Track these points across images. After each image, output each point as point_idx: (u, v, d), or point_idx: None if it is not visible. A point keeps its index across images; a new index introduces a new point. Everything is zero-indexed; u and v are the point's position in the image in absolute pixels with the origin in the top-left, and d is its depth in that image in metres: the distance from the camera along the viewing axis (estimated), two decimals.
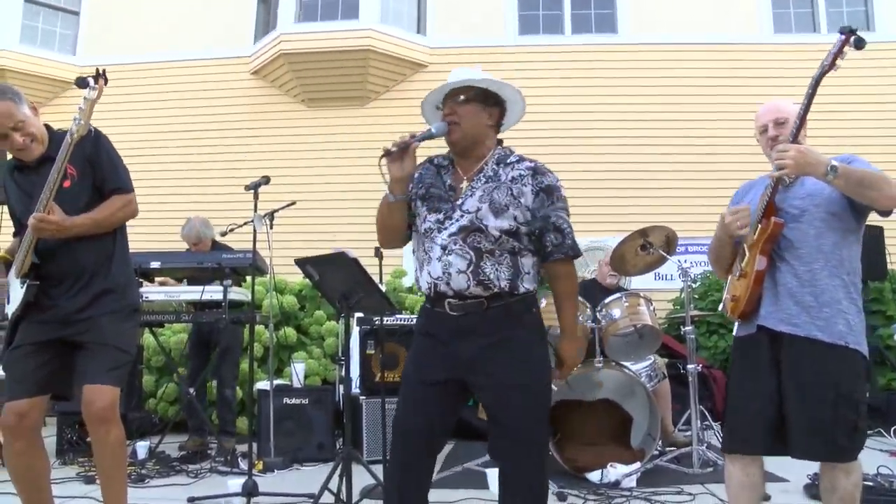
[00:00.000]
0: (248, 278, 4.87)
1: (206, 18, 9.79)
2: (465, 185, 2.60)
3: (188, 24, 9.80)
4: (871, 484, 3.91)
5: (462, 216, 2.55)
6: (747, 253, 2.79)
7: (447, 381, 2.56)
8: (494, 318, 2.52)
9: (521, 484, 2.50)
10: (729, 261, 2.93)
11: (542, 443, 2.63)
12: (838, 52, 2.64)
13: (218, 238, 5.92)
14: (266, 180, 4.42)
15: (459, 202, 2.58)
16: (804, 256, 2.69)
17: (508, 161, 2.65)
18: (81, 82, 2.74)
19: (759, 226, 2.72)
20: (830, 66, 2.65)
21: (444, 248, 2.53)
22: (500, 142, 2.73)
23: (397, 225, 2.69)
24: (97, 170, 3.01)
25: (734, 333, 2.92)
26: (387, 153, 2.55)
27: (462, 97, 2.61)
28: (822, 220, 2.70)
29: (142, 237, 3.25)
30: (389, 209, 2.64)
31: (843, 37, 2.62)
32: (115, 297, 3.03)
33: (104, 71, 2.77)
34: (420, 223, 2.64)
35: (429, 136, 2.55)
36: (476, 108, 2.62)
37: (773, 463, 4.07)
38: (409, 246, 2.80)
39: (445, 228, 2.56)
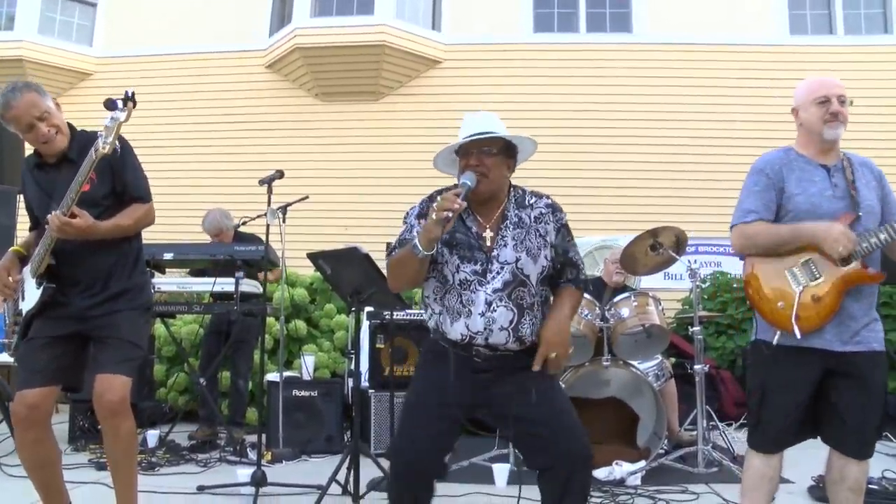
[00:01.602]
0: (265, 273, 4.89)
1: (222, 11, 9.84)
2: (489, 233, 2.60)
3: (204, 17, 9.85)
4: (875, 487, 3.92)
5: (502, 268, 2.58)
6: (821, 275, 2.77)
7: (460, 406, 2.62)
8: (515, 363, 2.61)
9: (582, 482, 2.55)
10: (778, 254, 2.86)
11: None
12: None
13: (241, 228, 5.98)
14: (280, 174, 4.45)
15: (495, 253, 2.60)
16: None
17: (527, 203, 2.71)
18: (111, 104, 2.76)
19: (865, 269, 2.75)
20: None
21: (489, 304, 2.56)
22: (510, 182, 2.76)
23: (420, 276, 2.66)
24: (118, 176, 3.05)
25: (769, 338, 2.85)
26: (445, 219, 2.41)
27: (492, 149, 2.61)
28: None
29: (154, 230, 3.29)
30: (416, 263, 2.55)
31: None
32: (131, 295, 3.09)
33: (133, 93, 2.79)
34: (450, 272, 2.62)
35: (467, 190, 2.51)
36: (500, 161, 2.64)
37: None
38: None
39: (488, 282, 2.58)
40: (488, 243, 2.60)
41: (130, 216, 3.05)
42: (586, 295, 4.76)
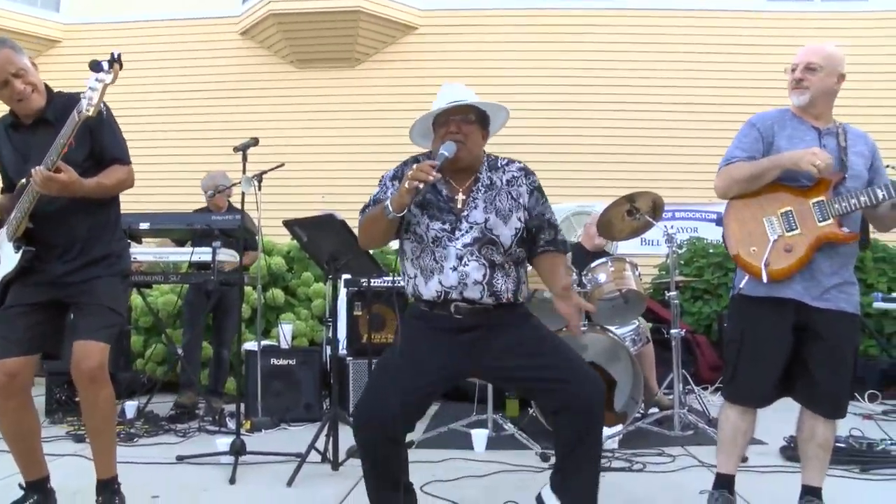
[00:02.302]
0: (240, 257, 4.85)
1: None
2: (460, 196, 2.61)
3: None
4: (842, 445, 4.01)
5: (471, 228, 2.62)
6: (798, 228, 2.84)
7: (446, 368, 2.64)
8: (496, 319, 2.64)
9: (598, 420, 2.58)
10: (758, 188, 2.91)
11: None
12: None
13: (232, 201, 5.96)
14: (255, 142, 4.40)
15: (465, 214, 2.64)
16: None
17: (498, 166, 2.76)
18: (96, 66, 2.70)
19: (840, 229, 2.81)
20: None
21: (460, 258, 2.60)
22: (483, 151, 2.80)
23: (388, 235, 2.71)
24: (97, 138, 3.01)
25: (747, 291, 2.91)
26: (415, 189, 2.44)
27: (469, 116, 2.66)
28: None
29: (129, 198, 3.25)
30: (386, 223, 2.59)
31: None
32: (110, 261, 3.07)
33: (119, 55, 2.74)
34: (422, 230, 2.64)
35: (444, 161, 2.53)
36: (477, 129, 2.69)
37: None
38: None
39: (457, 238, 2.61)
40: (459, 205, 2.62)
41: (112, 176, 3.02)
42: None
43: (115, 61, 2.71)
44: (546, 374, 2.58)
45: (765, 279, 2.81)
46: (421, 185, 2.43)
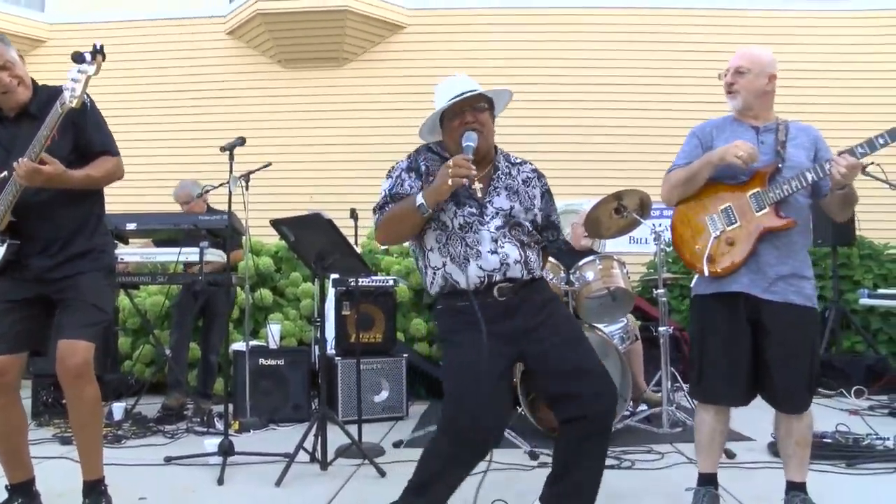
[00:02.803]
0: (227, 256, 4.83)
1: None
2: (478, 185, 2.55)
3: None
4: (829, 441, 4.05)
5: (497, 214, 2.65)
6: (738, 221, 2.91)
7: (505, 365, 2.64)
8: (532, 296, 2.68)
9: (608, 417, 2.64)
10: (696, 190, 3.00)
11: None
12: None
13: (211, 204, 5.93)
14: (241, 141, 4.39)
15: (488, 200, 2.67)
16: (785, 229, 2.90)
17: (513, 161, 2.83)
18: (78, 57, 2.68)
19: (777, 216, 2.87)
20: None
21: (495, 240, 2.61)
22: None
23: (417, 230, 2.70)
24: (81, 131, 2.98)
25: (700, 290, 3.01)
26: (464, 183, 2.46)
27: (483, 104, 2.69)
28: (801, 194, 2.93)
29: (115, 199, 3.24)
30: (419, 220, 2.61)
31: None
32: (93, 256, 3.03)
33: (102, 46, 2.71)
34: (447, 217, 2.64)
35: (472, 151, 2.54)
36: (489, 116, 2.73)
37: (740, 423, 4.21)
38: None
39: (488, 221, 2.63)
40: (479, 194, 2.59)
41: (100, 168, 2.99)
42: (551, 259, 4.80)
43: (98, 52, 2.70)
44: (574, 378, 2.58)
45: (705, 273, 2.90)
46: (466, 182, 2.45)
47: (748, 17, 9.16)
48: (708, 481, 3.08)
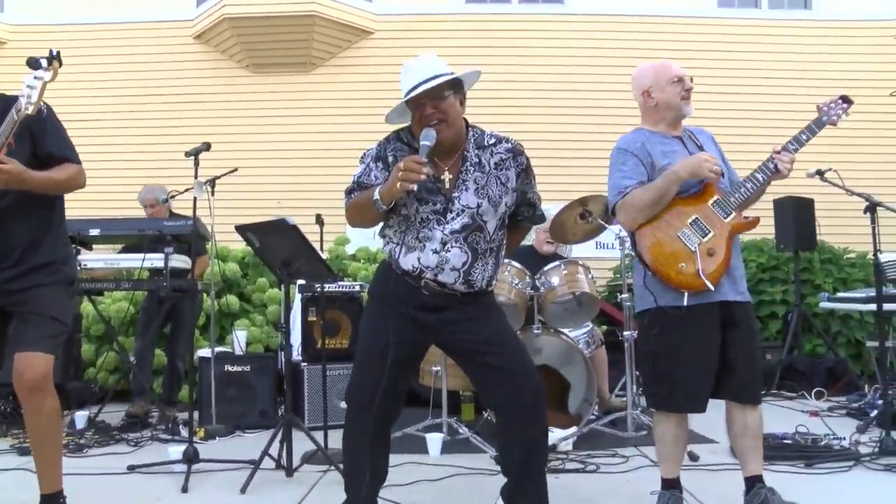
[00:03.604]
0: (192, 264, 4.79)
1: None
2: (447, 175, 2.57)
3: None
4: (789, 442, 4.13)
5: (462, 212, 2.63)
6: (710, 230, 2.95)
7: (411, 345, 2.70)
8: (462, 306, 2.70)
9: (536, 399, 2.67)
10: (667, 221, 2.99)
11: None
12: (840, 115, 3.12)
13: (173, 209, 5.87)
14: (206, 147, 4.36)
15: (455, 195, 2.64)
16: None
17: (486, 143, 2.74)
18: (34, 63, 2.63)
19: (743, 218, 2.98)
20: (833, 124, 3.13)
21: (444, 243, 2.62)
22: (465, 121, 2.77)
23: (378, 221, 2.76)
24: (39, 139, 2.90)
25: (675, 303, 2.94)
26: (412, 189, 2.47)
27: (443, 92, 2.61)
28: None
29: (79, 204, 3.19)
30: (375, 213, 2.64)
31: (846, 105, 3.12)
32: (53, 268, 2.95)
33: (58, 52, 2.67)
34: (410, 212, 2.65)
35: (428, 151, 2.51)
36: (453, 100, 2.65)
37: (703, 425, 4.27)
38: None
39: (447, 223, 2.62)
40: (447, 185, 2.60)
41: (63, 172, 2.91)
42: (516, 263, 4.84)
43: (55, 58, 2.64)
44: (496, 361, 2.66)
45: (712, 287, 2.89)
46: (414, 187, 2.44)
47: (711, 26, 9.30)
48: (672, 485, 3.12)
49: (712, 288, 2.89)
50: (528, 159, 2.80)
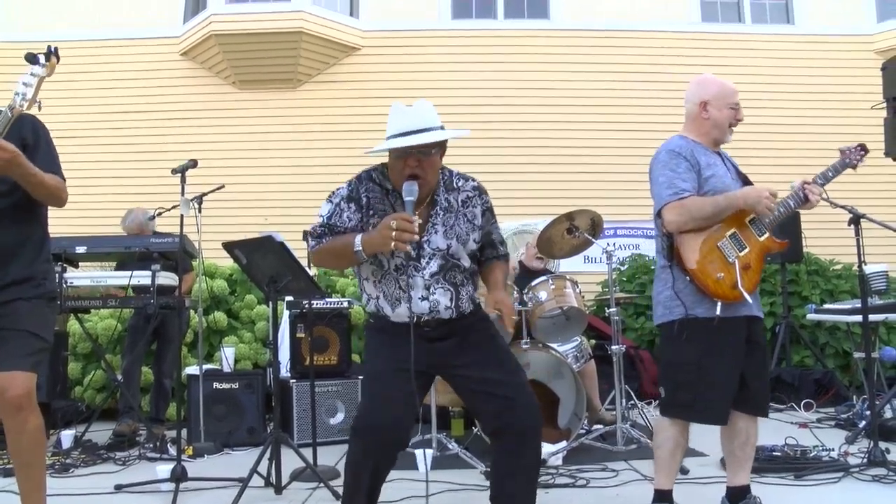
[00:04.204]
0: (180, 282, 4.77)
1: None
2: (417, 220, 2.53)
3: (115, 2, 9.51)
4: (778, 454, 4.14)
5: (434, 254, 2.66)
6: (747, 246, 3.04)
7: (425, 366, 2.67)
8: (460, 326, 2.73)
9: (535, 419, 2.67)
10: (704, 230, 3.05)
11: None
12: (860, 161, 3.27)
13: (157, 229, 5.85)
14: (193, 163, 4.36)
15: (426, 239, 2.66)
16: None
17: (454, 185, 2.77)
18: (32, 58, 2.61)
19: (776, 241, 3.14)
20: (853, 168, 3.29)
21: (428, 287, 2.65)
22: None
23: (352, 265, 2.76)
24: (32, 152, 2.85)
25: (705, 314, 2.97)
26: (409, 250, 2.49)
27: (431, 150, 2.60)
28: None
29: (65, 222, 3.16)
30: (354, 260, 2.64)
31: (864, 152, 3.27)
32: (33, 283, 2.88)
33: (56, 49, 2.66)
34: (384, 258, 2.66)
35: (412, 206, 2.52)
36: (437, 159, 2.66)
37: (691, 439, 4.25)
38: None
39: (424, 268, 2.65)
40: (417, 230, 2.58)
41: (53, 180, 2.85)
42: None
43: (52, 54, 2.64)
44: (492, 390, 2.65)
45: (748, 299, 2.98)
46: (409, 247, 2.47)
47: (695, 41, 9.40)
48: (666, 498, 3.13)
49: (750, 300, 2.99)
50: (490, 199, 2.84)
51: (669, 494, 3.14)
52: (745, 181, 3.20)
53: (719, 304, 2.95)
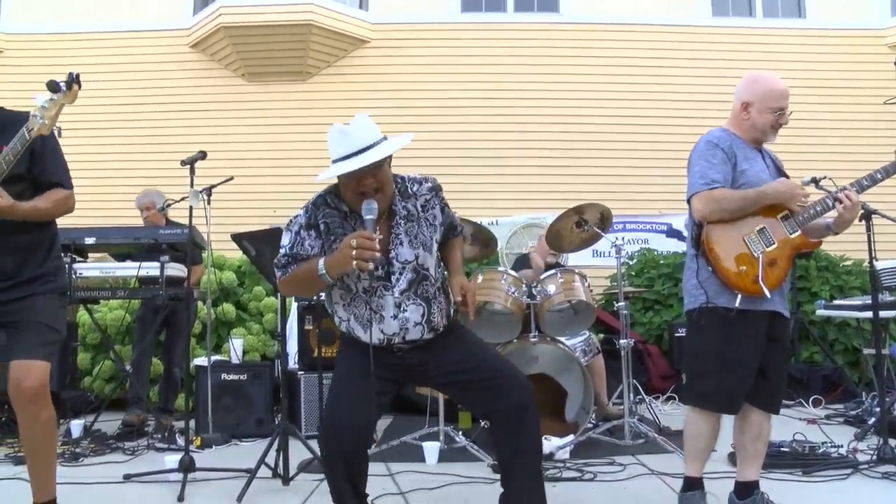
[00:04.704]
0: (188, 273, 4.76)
1: None
2: (378, 235, 2.51)
3: None
4: (786, 450, 4.13)
5: (404, 268, 2.63)
6: (775, 242, 3.03)
7: (388, 380, 2.73)
8: (433, 345, 2.74)
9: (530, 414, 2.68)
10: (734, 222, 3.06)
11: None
12: None
13: (166, 211, 5.86)
14: (202, 155, 4.36)
15: (392, 254, 2.63)
16: None
17: (410, 192, 2.71)
18: (53, 86, 2.62)
19: (808, 240, 3.10)
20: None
21: (398, 305, 2.63)
22: None
23: (321, 290, 2.77)
24: (37, 160, 2.90)
25: (730, 304, 2.99)
26: (371, 269, 2.45)
27: (380, 163, 2.56)
28: None
29: (75, 213, 3.17)
30: (321, 285, 2.63)
31: None
32: (46, 279, 2.95)
33: (78, 75, 2.66)
34: (352, 282, 2.63)
35: (374, 224, 2.49)
36: (387, 168, 2.63)
37: None
38: None
39: (394, 286, 2.63)
40: (378, 245, 2.51)
41: (50, 200, 2.92)
42: (513, 272, 4.84)
43: (74, 81, 2.65)
44: (475, 376, 2.70)
45: (768, 294, 2.96)
46: (371, 266, 2.42)
47: (706, 34, 9.34)
48: (696, 485, 3.17)
49: (769, 296, 2.96)
50: (443, 194, 2.80)
51: (700, 482, 3.18)
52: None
53: (739, 296, 2.97)
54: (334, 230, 2.64)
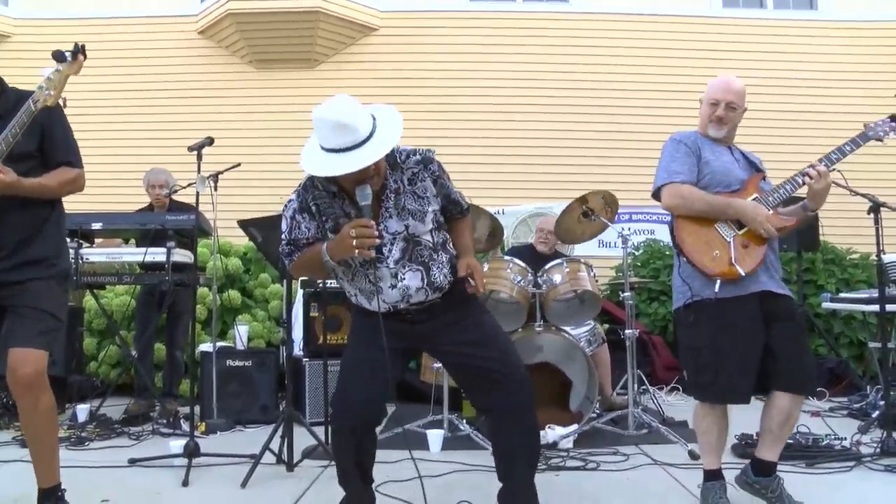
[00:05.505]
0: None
1: None
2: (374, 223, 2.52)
3: None
4: (791, 441, 4.11)
5: (395, 239, 2.65)
6: (746, 226, 3.05)
7: (398, 349, 2.74)
8: (444, 307, 2.74)
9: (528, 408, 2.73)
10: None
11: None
12: (888, 133, 3.20)
13: (175, 197, 5.86)
14: (210, 141, 4.37)
15: (382, 226, 2.63)
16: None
17: (398, 164, 2.68)
18: (59, 56, 2.62)
19: (780, 217, 3.10)
20: (880, 140, 3.23)
21: (395, 275, 2.65)
22: None
23: (330, 271, 2.78)
24: (46, 138, 2.89)
25: (715, 294, 2.98)
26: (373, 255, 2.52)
27: None
28: None
29: (82, 197, 3.18)
30: (326, 268, 2.69)
31: (894, 123, 3.20)
32: (48, 263, 2.92)
33: (83, 46, 2.65)
34: (350, 258, 2.64)
35: (369, 209, 2.51)
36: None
37: None
38: None
39: (386, 257, 2.65)
40: (371, 220, 2.53)
41: (57, 178, 2.90)
42: (519, 261, 4.84)
43: (79, 52, 2.64)
44: (481, 364, 2.72)
45: (742, 273, 2.97)
46: (373, 253, 2.49)
47: (716, 26, 9.30)
48: (716, 476, 3.19)
49: (743, 273, 2.97)
50: (439, 164, 2.74)
51: (719, 472, 3.19)
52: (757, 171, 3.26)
53: (717, 282, 2.98)
54: (325, 211, 2.68)
